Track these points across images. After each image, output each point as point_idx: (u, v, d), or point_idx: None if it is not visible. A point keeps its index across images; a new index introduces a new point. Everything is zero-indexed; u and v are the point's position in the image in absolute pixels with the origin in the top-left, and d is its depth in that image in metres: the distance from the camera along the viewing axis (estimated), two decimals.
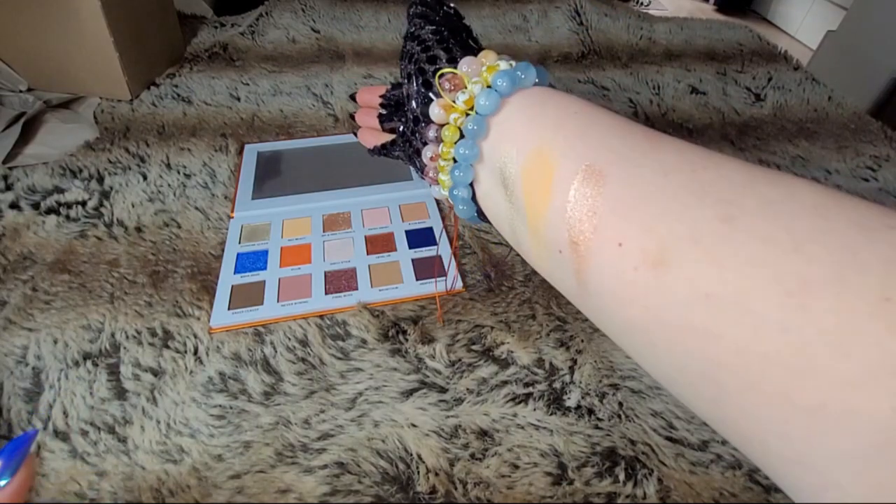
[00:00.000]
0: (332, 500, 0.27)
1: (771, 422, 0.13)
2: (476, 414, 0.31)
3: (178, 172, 0.48)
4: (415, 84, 0.25)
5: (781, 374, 0.12)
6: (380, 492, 0.28)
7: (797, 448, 0.12)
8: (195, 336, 0.34)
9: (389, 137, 0.29)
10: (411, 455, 0.29)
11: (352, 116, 0.32)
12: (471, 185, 0.24)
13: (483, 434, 0.30)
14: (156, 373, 0.32)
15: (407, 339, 0.35)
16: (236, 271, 0.39)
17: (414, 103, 0.25)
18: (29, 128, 0.51)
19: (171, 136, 0.52)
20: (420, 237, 0.42)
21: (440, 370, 0.33)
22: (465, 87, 0.22)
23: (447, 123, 0.23)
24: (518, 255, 0.41)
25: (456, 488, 0.28)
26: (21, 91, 0.55)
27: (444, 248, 0.41)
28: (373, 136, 0.31)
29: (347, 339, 0.35)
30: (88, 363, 0.32)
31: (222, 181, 0.47)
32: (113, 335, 0.34)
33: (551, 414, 0.31)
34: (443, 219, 0.44)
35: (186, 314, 0.36)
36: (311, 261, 0.40)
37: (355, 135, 0.34)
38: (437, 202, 0.45)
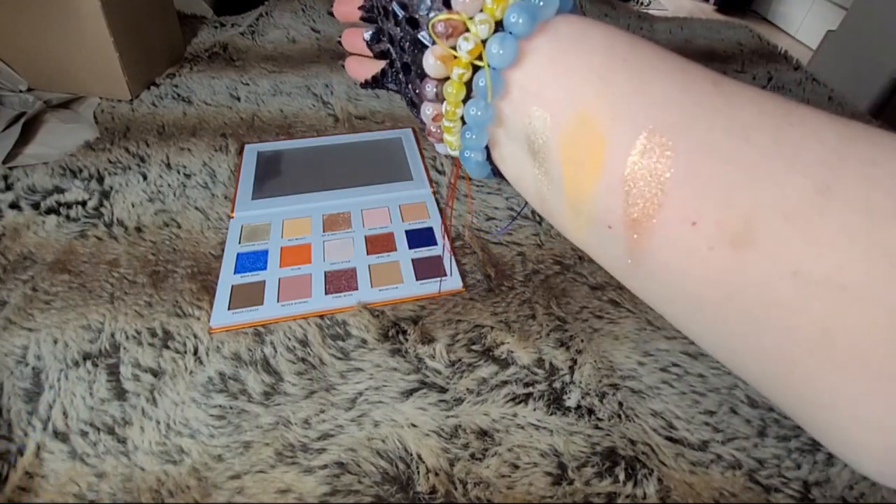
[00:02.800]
0: (332, 500, 0.27)
1: (847, 388, 0.12)
2: (476, 414, 0.31)
3: (178, 172, 0.48)
4: (392, 20, 0.19)
5: (871, 348, 0.12)
6: (380, 492, 0.28)
7: (871, 408, 0.12)
8: (195, 336, 0.34)
9: (380, 65, 0.24)
10: (411, 455, 0.29)
11: (339, 42, 0.26)
12: (486, 146, 0.20)
13: (483, 434, 0.30)
14: (156, 373, 0.32)
15: (407, 339, 0.35)
16: (236, 271, 0.39)
17: (399, 48, 0.20)
18: (29, 128, 0.51)
19: (171, 136, 0.52)
20: (420, 237, 0.42)
21: (440, 370, 0.33)
22: (468, 30, 0.17)
23: (448, 79, 0.18)
24: (519, 254, 0.41)
25: (456, 488, 0.28)
26: (21, 91, 0.55)
27: (444, 248, 0.41)
28: (361, 65, 0.26)
29: (347, 339, 0.35)
30: (88, 363, 0.32)
31: (222, 181, 0.47)
32: (113, 335, 0.34)
33: (551, 414, 0.31)
34: (442, 218, 0.44)
35: (186, 314, 0.36)
36: (311, 261, 0.40)
37: (342, 65, 0.28)
38: (435, 200, 0.45)
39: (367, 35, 0.23)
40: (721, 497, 0.28)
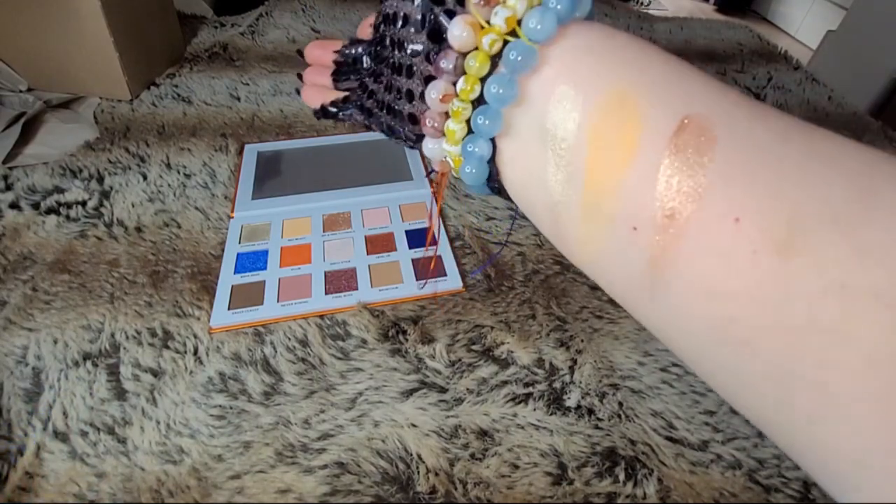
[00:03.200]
0: (332, 500, 0.27)
1: (883, 434, 0.11)
2: (476, 414, 0.31)
3: (178, 172, 0.48)
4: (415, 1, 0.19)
5: None
6: (380, 492, 0.28)
7: None
8: (195, 336, 0.34)
9: (339, 94, 0.24)
10: (411, 455, 0.29)
11: (299, 76, 0.27)
12: (492, 140, 0.18)
13: (483, 434, 0.30)
14: (156, 373, 0.32)
15: (407, 339, 0.35)
16: (236, 271, 0.39)
17: (413, 28, 0.19)
18: (29, 128, 0.51)
19: (171, 136, 0.52)
20: (420, 237, 0.42)
21: (440, 370, 0.33)
22: (504, 2, 0.17)
23: (475, 50, 0.17)
24: (519, 254, 0.41)
25: (456, 488, 0.28)
26: (21, 91, 0.55)
27: (444, 248, 0.41)
28: (320, 93, 0.25)
29: (347, 339, 0.35)
30: (88, 363, 0.32)
31: (222, 181, 0.47)
32: (113, 335, 0.34)
33: (551, 414, 0.31)
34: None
35: (186, 314, 0.36)
36: (311, 261, 0.40)
37: (298, 92, 0.27)
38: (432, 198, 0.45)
39: (335, 73, 0.24)
40: (721, 497, 0.28)
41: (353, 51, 0.24)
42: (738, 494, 0.28)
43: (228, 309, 0.36)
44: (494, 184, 0.19)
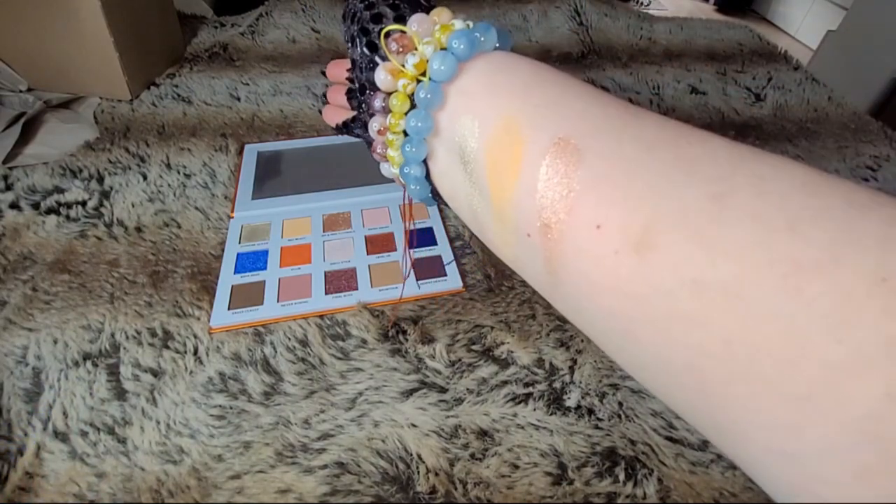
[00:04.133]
0: (332, 500, 0.27)
1: (756, 412, 0.12)
2: (476, 414, 0.31)
3: (178, 172, 0.48)
4: (359, 47, 0.22)
5: (771, 363, 0.11)
6: (380, 492, 0.28)
7: (782, 438, 0.12)
8: (195, 336, 0.34)
9: (351, 113, 0.27)
10: (411, 455, 0.29)
11: (324, 95, 0.29)
12: (425, 161, 0.21)
13: (483, 434, 0.30)
14: (156, 373, 0.32)
15: (407, 339, 0.35)
16: (236, 271, 0.39)
17: (359, 70, 0.22)
18: (29, 128, 0.51)
19: (171, 136, 0.52)
20: (420, 237, 0.42)
21: (440, 370, 0.33)
22: (416, 49, 0.20)
23: (395, 91, 0.20)
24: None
25: (456, 488, 0.28)
26: (21, 91, 0.55)
27: (444, 248, 0.41)
28: (337, 112, 0.29)
29: (347, 339, 0.35)
30: (88, 363, 0.32)
31: (222, 181, 0.47)
32: (113, 335, 0.34)
33: (551, 414, 0.31)
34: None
35: (186, 314, 0.36)
36: (311, 261, 0.40)
37: (321, 112, 0.31)
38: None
39: (349, 91, 0.26)
40: (721, 497, 0.28)
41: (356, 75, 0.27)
42: (738, 494, 0.28)
43: (228, 309, 0.36)
44: (436, 197, 0.23)
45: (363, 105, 0.23)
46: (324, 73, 0.31)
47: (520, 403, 0.32)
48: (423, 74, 0.20)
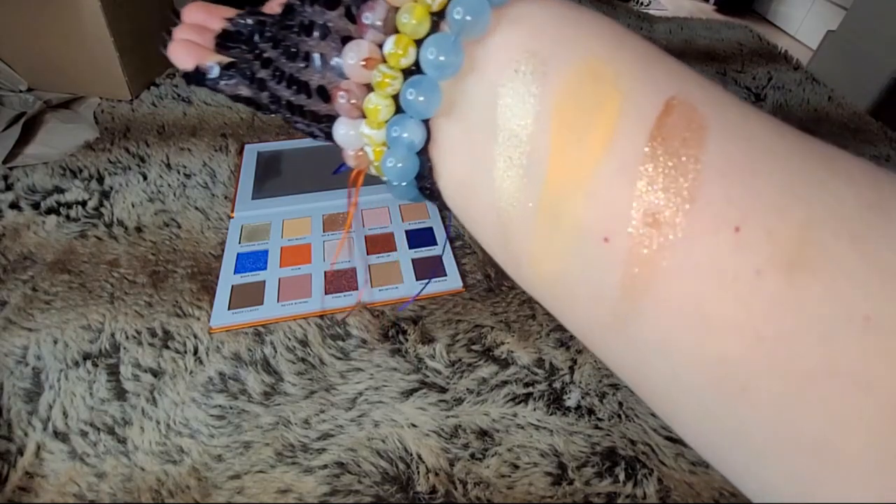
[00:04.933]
0: (332, 500, 0.27)
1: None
2: (476, 414, 0.31)
3: (178, 172, 0.48)
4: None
5: None
6: (380, 492, 0.28)
7: None
8: (195, 336, 0.34)
9: (222, 58, 0.19)
10: (411, 455, 0.29)
11: (167, 32, 0.20)
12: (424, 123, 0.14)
13: (483, 434, 0.30)
14: (156, 373, 0.32)
15: (407, 339, 0.35)
16: (236, 271, 0.39)
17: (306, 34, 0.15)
18: (29, 128, 0.51)
19: (171, 136, 0.52)
20: (420, 237, 0.42)
21: (440, 370, 0.33)
22: None
23: (411, 2, 0.13)
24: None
25: (456, 488, 0.28)
26: (21, 91, 0.55)
27: (444, 248, 0.41)
28: (194, 51, 0.19)
29: (347, 339, 0.35)
30: (88, 363, 0.32)
31: (222, 181, 0.47)
32: (113, 335, 0.34)
33: (551, 414, 0.31)
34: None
35: (186, 314, 0.36)
36: (311, 261, 0.40)
37: (164, 48, 0.19)
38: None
39: (220, 37, 0.17)
40: (721, 497, 0.28)
41: (250, 21, 0.18)
42: (737, 494, 0.28)
43: (228, 309, 0.36)
44: (426, 183, 0.15)
45: (332, 25, 0.15)
46: (175, 14, 0.22)
47: (520, 403, 0.32)
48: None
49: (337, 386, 0.32)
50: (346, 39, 0.15)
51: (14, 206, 0.43)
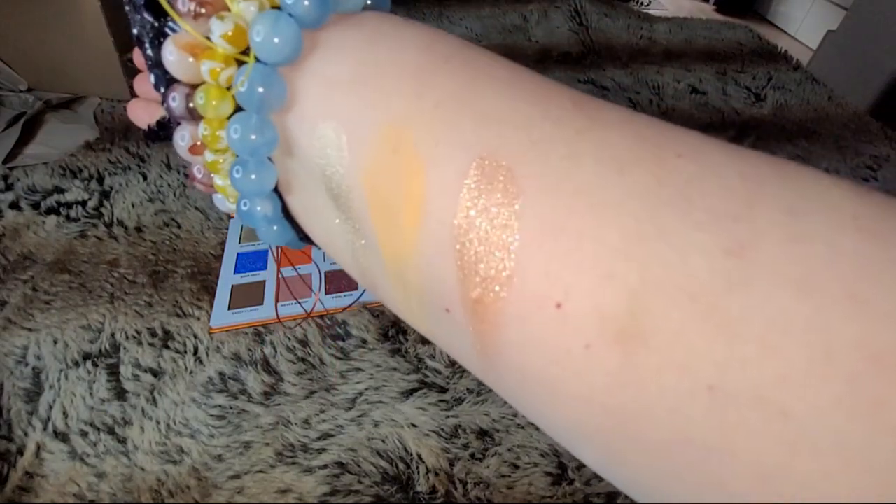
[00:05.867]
0: (332, 500, 0.27)
1: None
2: (476, 414, 0.31)
3: (178, 172, 0.48)
4: (137, 10, 0.14)
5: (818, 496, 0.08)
6: (380, 492, 0.28)
7: None
8: (195, 336, 0.34)
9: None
10: (411, 455, 0.29)
11: (130, 88, 0.20)
12: (277, 191, 0.14)
13: (483, 434, 0.30)
14: (156, 373, 0.32)
15: (407, 339, 0.35)
16: (236, 271, 0.39)
17: (145, 48, 0.14)
18: (29, 128, 0.51)
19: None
20: None
21: (440, 370, 0.33)
22: (227, 8, 0.12)
23: (203, 82, 0.12)
24: None
25: (456, 488, 0.28)
26: (21, 91, 0.55)
27: None
28: (147, 109, 0.18)
29: (347, 339, 0.35)
30: (88, 363, 0.32)
31: None
32: (113, 335, 0.34)
33: None
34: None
35: (186, 314, 0.36)
36: (311, 261, 0.40)
37: (125, 108, 0.17)
38: None
39: (153, 78, 0.16)
40: None
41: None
42: None
43: (228, 309, 0.36)
44: (308, 239, 0.15)
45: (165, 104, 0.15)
46: (129, 61, 0.20)
47: None
48: (246, 52, 0.12)
49: (337, 386, 0.32)
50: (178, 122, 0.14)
51: (14, 206, 0.43)
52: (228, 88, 0.12)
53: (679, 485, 0.09)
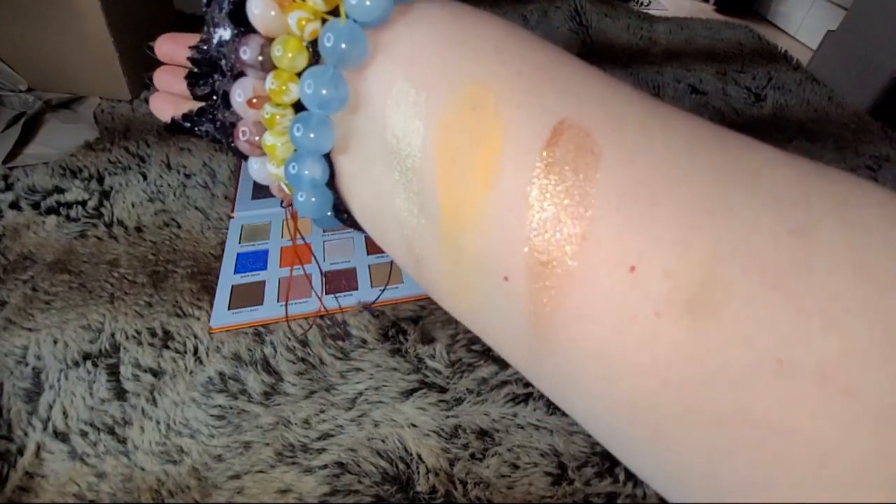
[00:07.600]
0: (332, 500, 0.27)
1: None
2: (476, 414, 0.31)
3: (178, 172, 0.48)
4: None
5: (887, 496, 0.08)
6: (380, 492, 0.28)
7: None
8: (195, 336, 0.34)
9: (194, 104, 0.18)
10: (411, 455, 0.29)
11: (149, 79, 0.21)
12: (328, 156, 0.14)
13: (483, 434, 0.30)
14: (156, 373, 0.32)
15: (407, 339, 0.35)
16: (236, 271, 0.39)
17: (212, 22, 0.15)
18: (29, 128, 0.51)
19: (170, 136, 0.52)
20: None
21: (440, 370, 0.33)
22: None
23: (284, 35, 0.13)
24: None
25: (456, 488, 0.28)
26: (21, 91, 0.55)
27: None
28: (172, 103, 0.20)
29: (347, 339, 0.35)
30: (88, 363, 0.32)
31: (222, 181, 0.47)
32: (113, 335, 0.34)
33: (551, 414, 0.31)
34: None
35: (186, 314, 0.36)
36: (311, 261, 0.40)
37: (146, 101, 0.19)
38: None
39: (190, 75, 0.17)
40: None
41: (213, 45, 0.17)
42: None
43: (228, 309, 0.36)
44: (343, 214, 0.15)
45: (216, 83, 0.15)
46: (149, 50, 0.22)
47: (520, 403, 0.32)
48: (334, 12, 0.12)
49: (337, 386, 0.32)
50: (238, 75, 0.14)
51: (14, 206, 0.43)
52: (307, 44, 0.13)
53: (729, 465, 0.09)
